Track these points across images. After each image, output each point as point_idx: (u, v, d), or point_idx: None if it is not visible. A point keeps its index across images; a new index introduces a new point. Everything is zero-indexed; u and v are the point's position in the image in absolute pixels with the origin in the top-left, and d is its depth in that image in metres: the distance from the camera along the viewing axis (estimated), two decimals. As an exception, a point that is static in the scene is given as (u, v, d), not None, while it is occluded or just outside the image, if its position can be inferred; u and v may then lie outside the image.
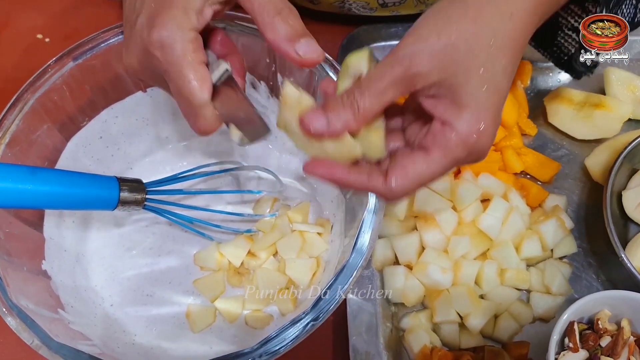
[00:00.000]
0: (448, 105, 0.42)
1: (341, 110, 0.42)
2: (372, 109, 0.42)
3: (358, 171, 0.44)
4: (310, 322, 0.51)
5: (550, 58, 0.67)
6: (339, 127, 0.42)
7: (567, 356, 0.58)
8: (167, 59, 0.43)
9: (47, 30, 0.85)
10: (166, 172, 0.72)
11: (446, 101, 0.42)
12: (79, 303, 0.62)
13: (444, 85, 0.42)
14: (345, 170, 0.44)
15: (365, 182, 0.44)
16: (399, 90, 0.42)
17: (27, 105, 0.59)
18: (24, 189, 0.52)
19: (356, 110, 0.42)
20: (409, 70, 0.41)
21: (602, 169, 0.72)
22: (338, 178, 0.44)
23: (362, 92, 0.42)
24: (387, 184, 0.43)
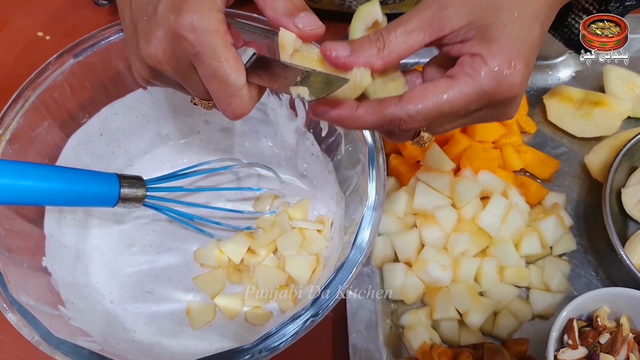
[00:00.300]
0: (477, 41, 0.40)
1: (366, 45, 0.40)
2: (398, 49, 0.40)
3: (367, 102, 0.41)
4: (310, 318, 0.51)
5: (560, 39, 0.66)
6: (362, 60, 0.40)
7: (567, 353, 0.59)
8: (200, 41, 0.41)
9: (47, 28, 0.86)
10: (166, 169, 0.72)
11: (475, 40, 0.40)
12: (79, 299, 0.62)
13: (472, 27, 0.40)
14: (353, 105, 0.41)
15: (377, 107, 0.40)
16: (427, 33, 0.40)
17: (27, 102, 0.60)
18: (24, 185, 0.53)
19: (381, 48, 0.40)
20: (438, 12, 0.40)
21: (602, 166, 0.72)
22: (347, 114, 0.41)
23: (389, 31, 0.40)
24: (403, 103, 0.40)
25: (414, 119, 0.40)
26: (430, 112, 0.40)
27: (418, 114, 0.40)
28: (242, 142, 0.74)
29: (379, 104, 0.41)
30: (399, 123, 0.41)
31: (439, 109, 0.40)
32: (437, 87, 0.40)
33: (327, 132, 0.67)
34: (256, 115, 0.71)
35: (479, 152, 0.71)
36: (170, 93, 0.69)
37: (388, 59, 0.40)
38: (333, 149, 0.68)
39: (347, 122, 0.41)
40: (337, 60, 0.40)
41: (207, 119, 0.72)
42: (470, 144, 0.72)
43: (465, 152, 0.71)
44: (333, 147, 0.68)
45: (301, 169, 0.72)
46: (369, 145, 0.58)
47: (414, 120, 0.40)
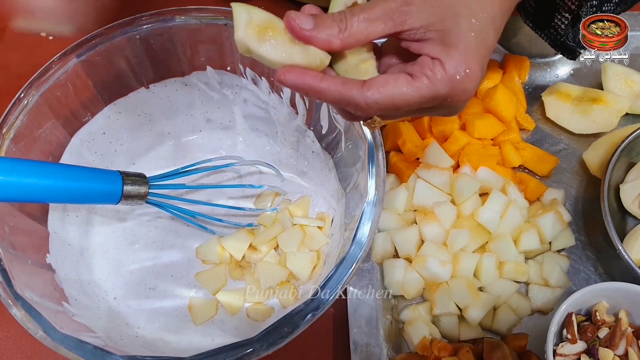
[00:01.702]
0: (437, 44, 0.42)
1: (329, 23, 0.41)
2: (358, 33, 0.41)
3: (332, 78, 0.42)
4: (311, 313, 0.52)
5: (546, 39, 0.67)
6: (322, 37, 0.41)
7: (566, 347, 0.59)
8: None
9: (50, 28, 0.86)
10: (168, 167, 0.72)
11: (434, 42, 0.42)
12: (82, 296, 0.63)
13: (432, 29, 0.42)
14: (318, 76, 0.42)
15: (340, 87, 0.42)
16: (388, 25, 0.42)
17: (31, 101, 0.60)
18: (28, 183, 0.53)
19: (343, 29, 0.41)
20: (401, 7, 0.42)
21: (600, 162, 0.72)
22: (309, 84, 0.41)
23: (352, 15, 0.42)
24: (364, 90, 0.42)
25: (370, 107, 0.42)
26: (387, 104, 0.42)
27: (375, 103, 0.42)
28: (243, 140, 0.74)
29: (342, 85, 0.42)
30: (355, 107, 0.43)
31: (395, 103, 0.42)
32: (397, 83, 0.42)
33: (327, 129, 0.67)
34: (257, 114, 0.71)
35: (478, 149, 0.72)
36: (172, 92, 0.69)
37: (347, 41, 0.42)
38: (333, 147, 0.68)
39: (308, 92, 0.42)
40: (299, 32, 0.41)
41: (208, 117, 0.73)
42: (469, 141, 0.72)
43: (465, 149, 0.72)
44: (333, 145, 0.68)
45: (302, 166, 0.73)
46: (368, 142, 0.59)
47: (370, 108, 0.42)
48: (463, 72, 0.42)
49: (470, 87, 0.43)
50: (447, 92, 0.42)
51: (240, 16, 0.42)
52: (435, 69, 0.42)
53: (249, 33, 0.42)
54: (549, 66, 0.81)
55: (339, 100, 0.42)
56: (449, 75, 0.42)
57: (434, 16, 0.42)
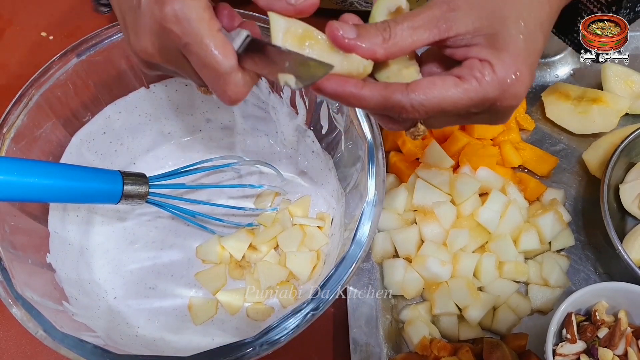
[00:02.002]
0: (484, 47, 0.41)
1: (373, 33, 0.40)
2: (403, 42, 0.40)
3: (374, 84, 0.41)
4: (310, 312, 0.52)
5: (570, 44, 0.66)
6: (366, 46, 0.40)
7: (565, 347, 0.59)
8: (185, 31, 0.41)
9: (51, 28, 0.86)
10: (169, 167, 0.73)
11: (482, 46, 0.41)
12: (83, 295, 0.63)
13: (479, 33, 0.41)
14: (359, 83, 0.40)
15: (382, 91, 0.40)
16: (433, 32, 0.41)
17: (31, 101, 0.60)
18: (29, 182, 0.53)
19: (387, 38, 0.40)
20: (446, 13, 0.40)
21: (600, 162, 0.72)
22: (350, 91, 0.40)
23: (396, 23, 0.41)
24: (409, 92, 0.40)
25: (415, 110, 0.41)
26: (433, 106, 0.41)
27: (421, 105, 0.40)
28: (243, 139, 0.74)
29: (385, 88, 0.41)
30: (400, 110, 0.41)
31: (442, 106, 0.41)
32: (444, 83, 0.40)
33: (327, 129, 0.67)
34: (257, 113, 0.72)
35: (478, 149, 0.72)
36: (172, 92, 0.69)
37: (392, 50, 0.40)
38: (333, 146, 0.68)
39: (350, 100, 0.41)
40: (342, 41, 0.40)
41: (208, 117, 0.73)
42: (469, 141, 0.72)
43: (464, 149, 0.72)
44: (333, 145, 0.68)
45: (302, 166, 0.73)
46: (368, 142, 0.59)
47: (416, 110, 0.41)
48: (513, 75, 0.40)
49: (520, 91, 0.41)
50: (496, 96, 0.41)
51: (278, 25, 0.41)
52: (484, 71, 0.40)
53: (288, 43, 0.41)
54: (549, 66, 0.81)
55: (383, 105, 0.41)
56: (499, 78, 0.40)
57: (481, 21, 0.40)
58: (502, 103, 0.42)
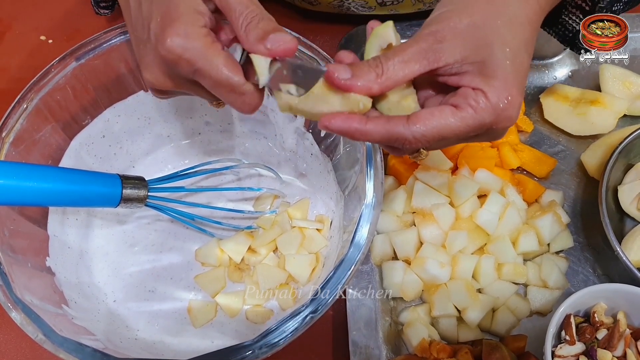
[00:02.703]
0: (475, 76, 0.43)
1: (366, 70, 0.43)
2: (395, 76, 0.43)
3: (376, 119, 0.44)
4: (309, 315, 0.52)
5: (555, 36, 0.67)
6: (360, 84, 0.42)
7: (564, 349, 0.59)
8: (194, 58, 0.44)
9: (50, 32, 0.87)
10: (168, 170, 0.73)
11: (473, 74, 0.43)
12: (82, 299, 0.63)
13: (467, 62, 0.43)
14: (363, 119, 0.43)
15: (385, 125, 0.43)
16: (423, 64, 0.43)
17: (31, 104, 0.60)
18: (28, 186, 0.53)
19: (380, 74, 0.43)
20: (433, 45, 0.43)
21: (598, 164, 0.72)
22: (355, 128, 0.43)
23: (387, 59, 0.43)
24: (410, 125, 0.43)
25: (418, 140, 0.43)
26: (434, 136, 0.43)
27: (423, 136, 0.43)
28: (242, 142, 0.74)
29: (387, 122, 0.43)
30: (403, 142, 0.44)
31: (442, 134, 0.43)
32: (442, 114, 0.43)
33: (325, 132, 0.68)
34: (256, 117, 0.72)
35: (476, 151, 0.72)
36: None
37: (386, 84, 0.43)
38: (332, 149, 0.68)
39: (355, 135, 0.43)
40: (338, 82, 0.43)
41: (207, 120, 0.73)
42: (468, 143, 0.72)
43: (463, 151, 0.72)
44: (332, 147, 0.68)
45: (301, 169, 0.73)
46: (366, 145, 0.59)
47: (418, 141, 0.43)
48: (505, 100, 0.43)
49: (513, 114, 0.44)
50: (492, 120, 0.43)
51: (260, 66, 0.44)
52: (478, 99, 0.43)
53: None
54: (547, 68, 0.81)
55: (387, 138, 0.44)
56: (492, 105, 0.43)
57: (468, 50, 0.43)
58: (497, 126, 0.44)
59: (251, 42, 0.44)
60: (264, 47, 0.43)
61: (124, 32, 0.63)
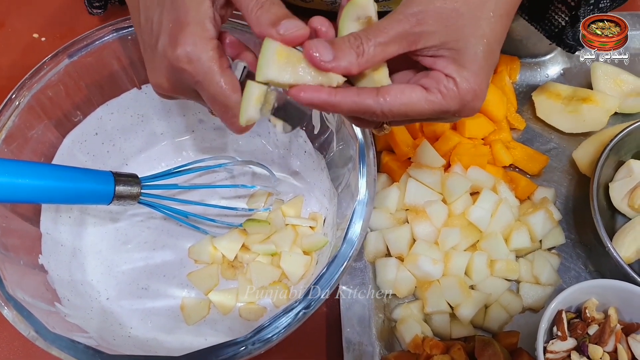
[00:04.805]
0: (450, 62, 0.44)
1: (347, 50, 0.43)
2: (375, 57, 0.43)
3: (346, 90, 0.44)
4: (302, 311, 0.52)
5: (541, 31, 0.68)
6: (342, 65, 0.42)
7: (556, 344, 0.60)
8: (197, 71, 0.45)
9: (43, 30, 0.86)
10: (161, 167, 0.73)
11: (447, 60, 0.44)
12: (75, 296, 0.63)
13: (444, 47, 0.44)
14: (332, 91, 0.43)
15: (355, 97, 0.43)
16: (402, 45, 0.44)
17: (23, 101, 0.60)
18: (20, 183, 0.53)
19: (361, 55, 0.43)
20: (414, 28, 0.43)
21: (590, 161, 0.73)
22: (325, 99, 0.43)
23: (368, 39, 0.43)
24: (379, 97, 0.43)
25: (384, 114, 0.44)
26: (400, 112, 0.44)
27: (390, 111, 0.44)
28: (236, 140, 0.74)
29: (356, 95, 0.43)
30: (371, 115, 0.44)
31: (407, 112, 0.44)
32: (412, 94, 0.44)
33: (319, 130, 0.68)
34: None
35: (469, 148, 0.72)
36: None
37: (364, 66, 0.43)
38: (325, 147, 0.69)
39: (324, 107, 0.44)
40: (320, 65, 0.43)
41: (201, 118, 0.73)
42: (460, 140, 0.73)
43: (455, 148, 0.72)
44: (325, 145, 0.68)
45: (294, 166, 0.73)
46: (359, 142, 0.59)
47: (384, 115, 0.44)
48: (473, 93, 0.44)
49: (477, 105, 0.45)
50: (456, 109, 0.45)
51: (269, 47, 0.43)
52: (449, 86, 0.44)
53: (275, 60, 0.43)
54: (539, 66, 0.82)
55: (356, 110, 0.44)
56: (460, 95, 0.44)
57: (447, 36, 0.43)
58: (460, 114, 0.46)
59: (263, 26, 0.43)
60: (276, 32, 0.43)
61: (117, 29, 0.63)
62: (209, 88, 0.45)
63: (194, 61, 0.45)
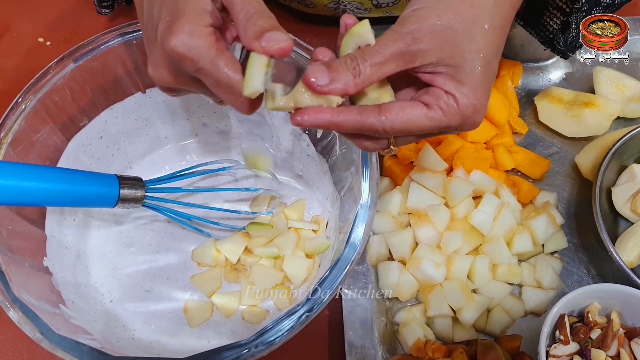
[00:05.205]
0: (448, 79, 0.45)
1: (343, 72, 0.43)
2: (371, 77, 0.44)
3: (348, 109, 0.44)
4: (305, 314, 0.52)
5: (536, 36, 0.68)
6: (339, 87, 0.43)
7: (558, 349, 0.59)
8: (197, 57, 0.44)
9: (48, 34, 0.87)
10: (165, 171, 0.73)
11: (446, 77, 0.45)
12: (79, 299, 0.63)
13: (441, 64, 0.44)
14: (335, 111, 0.44)
15: (357, 115, 0.44)
16: (398, 64, 0.44)
17: (29, 105, 0.61)
18: (26, 186, 0.54)
19: (357, 76, 0.43)
20: (410, 47, 0.44)
21: (592, 166, 0.73)
22: (328, 120, 0.44)
23: (364, 60, 0.44)
24: (381, 115, 0.44)
25: (386, 132, 0.45)
26: (402, 129, 0.45)
27: (391, 128, 0.44)
28: (239, 144, 0.75)
29: (359, 114, 0.44)
30: (374, 132, 0.45)
31: (409, 129, 0.45)
32: (413, 111, 0.45)
33: (322, 134, 0.68)
34: (253, 118, 0.72)
35: (471, 152, 0.72)
36: (169, 97, 0.70)
37: (362, 85, 0.44)
38: (328, 150, 0.69)
39: (328, 127, 0.45)
40: (317, 89, 0.43)
41: (204, 121, 0.73)
42: (463, 144, 0.73)
43: (458, 152, 0.73)
44: (328, 149, 0.69)
45: (297, 170, 0.73)
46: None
47: (386, 132, 0.45)
48: (473, 108, 0.45)
49: (478, 120, 0.46)
50: (457, 125, 0.45)
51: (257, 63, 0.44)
52: (449, 102, 0.44)
53: None
54: (542, 70, 0.82)
55: (358, 128, 0.45)
56: (461, 111, 0.45)
57: (442, 53, 0.44)
58: (461, 129, 0.47)
59: (248, 39, 0.44)
60: (259, 45, 0.43)
61: (122, 34, 0.64)
62: (211, 72, 0.45)
63: (192, 48, 0.44)
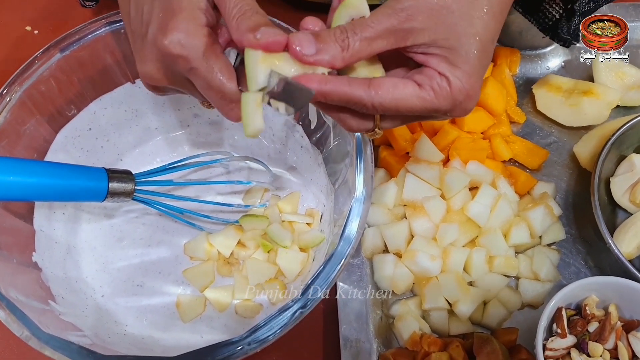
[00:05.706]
0: (442, 61, 0.43)
1: (331, 43, 0.41)
2: (360, 52, 0.42)
3: (337, 79, 0.42)
4: (299, 310, 0.52)
5: (535, 24, 0.67)
6: (325, 59, 0.41)
7: (556, 342, 0.59)
8: (191, 57, 0.43)
9: (35, 23, 0.85)
10: (156, 163, 0.72)
11: (440, 58, 0.43)
12: (69, 294, 0.63)
13: (434, 45, 0.43)
14: (323, 79, 0.42)
15: (345, 86, 0.42)
16: (390, 41, 0.42)
17: (14, 97, 0.60)
18: (12, 181, 0.53)
19: (345, 49, 0.41)
20: (403, 24, 0.42)
21: (591, 155, 0.72)
22: (315, 87, 0.42)
23: (354, 33, 0.42)
24: (371, 89, 0.42)
25: (375, 107, 0.43)
26: (391, 107, 0.43)
27: (381, 105, 0.43)
28: (231, 135, 0.74)
29: (348, 85, 0.42)
30: (361, 107, 0.43)
31: (399, 108, 0.43)
32: (405, 89, 0.43)
33: (316, 125, 0.67)
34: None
35: (468, 142, 0.71)
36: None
37: (349, 60, 0.42)
38: (322, 142, 0.68)
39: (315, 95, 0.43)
40: (303, 59, 0.41)
41: (196, 112, 0.72)
42: (459, 134, 0.72)
43: (454, 143, 0.72)
44: (322, 140, 0.68)
45: (291, 161, 0.72)
46: (356, 137, 0.59)
47: (375, 108, 0.43)
48: (466, 93, 0.43)
49: (470, 107, 0.45)
50: (448, 109, 0.44)
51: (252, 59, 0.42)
52: (442, 84, 0.43)
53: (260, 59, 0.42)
54: (540, 58, 0.81)
55: (345, 101, 0.43)
56: (453, 94, 0.43)
57: (438, 34, 0.42)
58: (451, 114, 0.45)
59: (241, 31, 0.43)
60: (254, 37, 0.42)
61: (110, 22, 0.62)
62: (205, 75, 0.44)
63: (186, 47, 0.43)
